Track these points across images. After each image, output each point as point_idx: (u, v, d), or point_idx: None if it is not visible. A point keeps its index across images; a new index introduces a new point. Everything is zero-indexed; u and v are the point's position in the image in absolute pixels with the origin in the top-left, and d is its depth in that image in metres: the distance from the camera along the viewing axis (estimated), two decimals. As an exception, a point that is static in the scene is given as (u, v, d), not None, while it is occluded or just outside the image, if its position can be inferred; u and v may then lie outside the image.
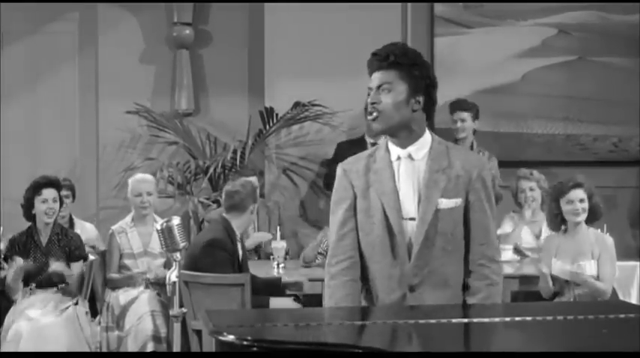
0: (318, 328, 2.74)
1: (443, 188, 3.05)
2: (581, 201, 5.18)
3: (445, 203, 3.05)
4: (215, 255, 5.12)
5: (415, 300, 3.06)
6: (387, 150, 3.12)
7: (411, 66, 3.06)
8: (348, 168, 3.16)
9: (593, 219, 5.24)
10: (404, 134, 3.08)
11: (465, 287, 3.12)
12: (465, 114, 6.57)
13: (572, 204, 5.18)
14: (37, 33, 7.45)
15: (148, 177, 6.07)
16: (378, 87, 3.06)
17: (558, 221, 5.27)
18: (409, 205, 3.07)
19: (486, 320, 2.82)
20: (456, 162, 3.08)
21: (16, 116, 7.41)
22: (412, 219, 3.06)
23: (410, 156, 3.09)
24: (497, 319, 2.79)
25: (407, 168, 3.09)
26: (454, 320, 2.78)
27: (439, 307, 3.04)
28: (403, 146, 3.09)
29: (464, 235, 3.10)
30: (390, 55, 3.06)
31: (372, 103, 3.06)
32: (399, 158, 3.10)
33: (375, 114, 3.05)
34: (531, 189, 6.18)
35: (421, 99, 3.08)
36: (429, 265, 3.06)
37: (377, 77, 3.07)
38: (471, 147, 6.60)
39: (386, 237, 3.07)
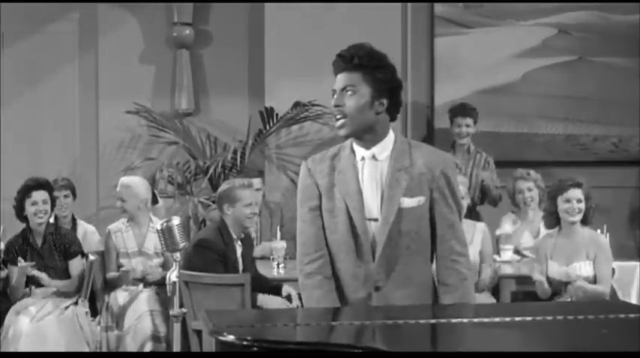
0: (318, 328, 2.74)
1: (405, 187, 3.06)
2: (579, 201, 5.17)
3: (407, 202, 3.06)
4: (203, 255, 5.15)
5: (380, 299, 3.07)
6: (352, 150, 3.14)
7: (375, 68, 3.06)
8: (313, 168, 3.19)
9: (584, 222, 5.23)
10: (368, 136, 3.10)
11: (439, 284, 3.13)
12: (470, 120, 6.57)
13: (569, 203, 5.17)
14: (37, 33, 7.45)
15: (127, 182, 5.96)
16: (342, 89, 3.07)
17: (554, 219, 5.26)
18: (372, 206, 3.08)
19: (486, 319, 2.82)
20: (418, 161, 3.09)
21: (16, 116, 7.42)
22: (375, 219, 3.07)
23: (374, 157, 3.10)
24: (497, 319, 2.79)
25: (370, 169, 3.10)
26: (454, 320, 2.79)
27: (437, 307, 3.05)
28: (367, 147, 3.11)
29: (430, 233, 3.11)
30: (355, 57, 3.07)
31: (336, 106, 3.07)
32: (363, 159, 3.11)
33: (340, 120, 3.07)
34: (529, 190, 6.18)
35: (385, 101, 3.08)
36: (393, 264, 3.07)
37: (341, 79, 3.09)
38: (468, 149, 6.61)
39: (350, 237, 3.08)
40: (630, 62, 7.33)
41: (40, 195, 5.67)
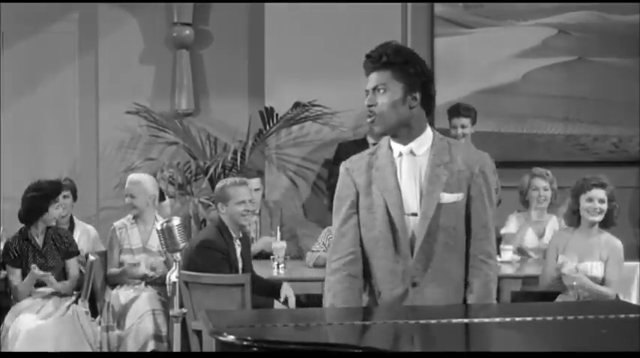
0: (318, 328, 2.74)
1: (445, 182, 3.07)
2: (601, 201, 5.15)
3: (447, 197, 3.07)
4: (208, 255, 5.14)
5: (417, 295, 3.07)
6: (389, 147, 3.14)
7: (404, 64, 3.07)
8: (351, 167, 3.19)
9: (606, 223, 5.21)
10: (404, 132, 3.10)
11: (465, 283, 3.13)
12: (466, 121, 6.54)
13: (591, 202, 5.16)
14: (37, 33, 7.45)
15: (136, 178, 6.00)
16: (374, 88, 3.09)
17: (576, 218, 5.25)
18: (411, 201, 3.08)
19: (486, 320, 2.82)
20: (457, 157, 3.10)
21: (16, 116, 7.42)
22: (414, 214, 3.08)
23: (412, 152, 3.11)
24: (497, 319, 2.79)
25: (409, 164, 3.11)
26: (454, 321, 2.79)
27: (439, 307, 3.05)
28: (404, 143, 3.11)
29: (465, 230, 3.11)
30: (383, 55, 3.08)
31: (369, 105, 3.09)
32: (400, 154, 3.12)
33: (372, 117, 3.08)
34: (545, 189, 6.17)
35: (418, 95, 3.08)
36: (431, 260, 3.07)
37: (372, 78, 3.10)
38: None
39: (388, 232, 3.08)
40: (630, 62, 7.33)
41: (62, 197, 5.81)
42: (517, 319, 2.76)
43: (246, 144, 6.94)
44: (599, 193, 5.15)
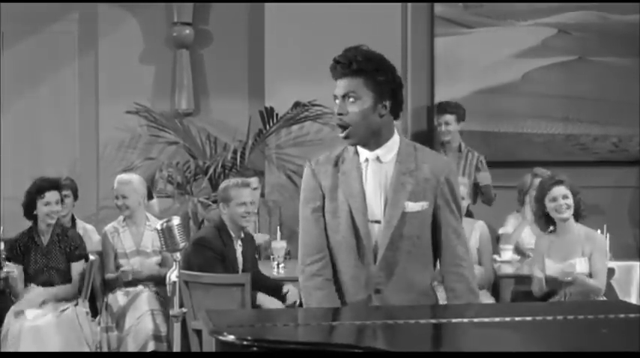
0: (317, 328, 2.74)
1: (410, 191, 3.05)
2: (565, 197, 5.17)
3: (412, 206, 3.05)
4: (202, 254, 5.17)
5: (380, 302, 3.07)
6: (356, 151, 3.12)
7: (375, 71, 3.03)
8: (317, 168, 3.17)
9: (577, 217, 5.23)
10: (373, 140, 3.08)
11: (446, 290, 3.13)
12: (450, 117, 6.57)
13: (555, 201, 5.17)
14: (37, 33, 7.45)
15: (126, 178, 6.00)
16: (344, 96, 3.04)
17: (544, 222, 5.27)
18: (376, 208, 3.07)
19: (486, 319, 2.82)
20: (423, 165, 3.08)
21: (16, 116, 7.42)
22: (378, 221, 3.06)
23: (378, 159, 3.09)
24: (497, 319, 2.79)
25: (374, 171, 3.08)
26: (454, 320, 2.79)
27: (439, 306, 3.05)
28: (371, 149, 3.09)
29: (432, 238, 3.11)
30: (353, 62, 3.03)
31: (339, 114, 3.04)
32: (367, 160, 3.10)
33: (344, 130, 3.04)
34: None
35: (387, 103, 3.05)
36: (394, 268, 3.06)
37: (342, 85, 3.05)
38: (459, 148, 6.61)
39: (352, 238, 3.07)
40: (629, 62, 7.33)
41: (53, 196, 5.71)
42: (517, 319, 2.76)
43: (246, 144, 6.94)
44: (560, 190, 5.17)
